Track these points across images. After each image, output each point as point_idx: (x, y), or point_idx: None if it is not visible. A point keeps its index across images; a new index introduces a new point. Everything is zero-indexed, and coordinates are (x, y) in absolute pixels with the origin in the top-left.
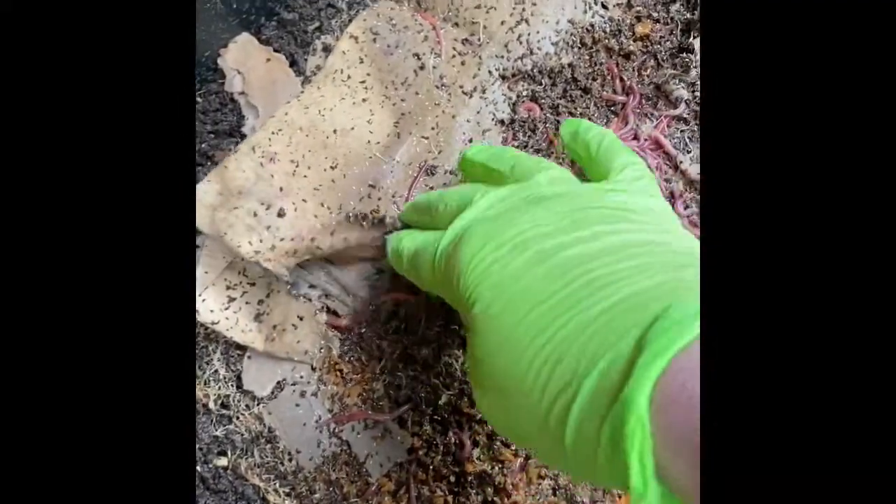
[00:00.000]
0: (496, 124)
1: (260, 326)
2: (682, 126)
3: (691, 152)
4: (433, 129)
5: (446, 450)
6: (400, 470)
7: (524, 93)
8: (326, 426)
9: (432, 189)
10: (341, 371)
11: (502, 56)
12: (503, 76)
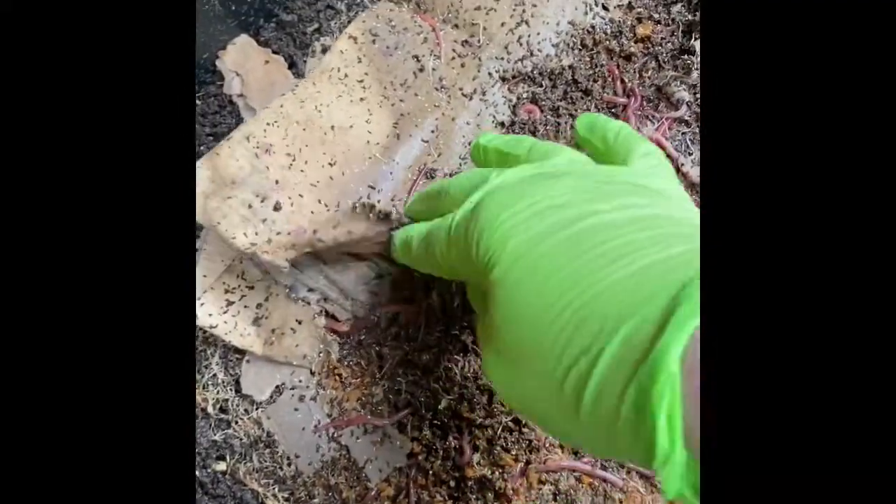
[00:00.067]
0: (496, 127)
1: (258, 330)
2: (684, 128)
3: (693, 154)
4: (433, 132)
5: (446, 455)
6: (399, 475)
7: (524, 95)
8: (325, 431)
9: None
10: (340, 375)
11: (502, 58)
12: (503, 78)
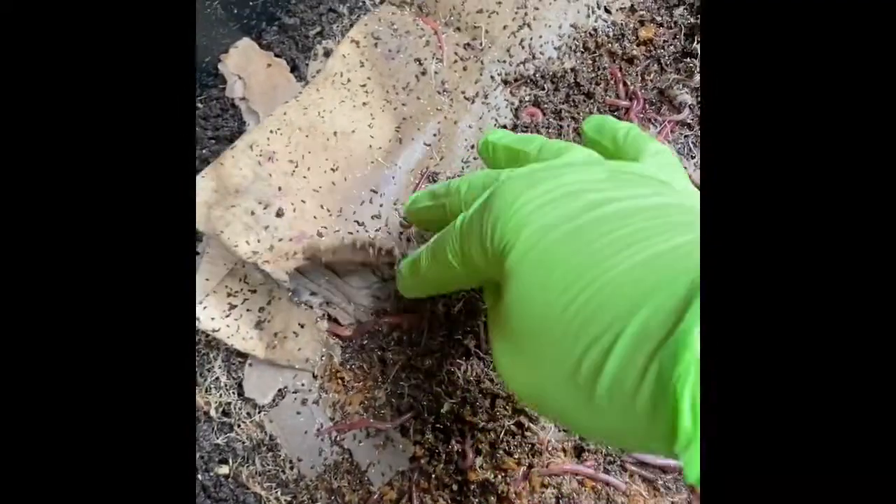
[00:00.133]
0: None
1: (261, 334)
2: (686, 131)
3: (695, 158)
4: (435, 136)
5: (449, 458)
6: (402, 478)
7: (526, 98)
8: (328, 434)
9: None
10: (343, 379)
11: (504, 61)
12: (505, 81)
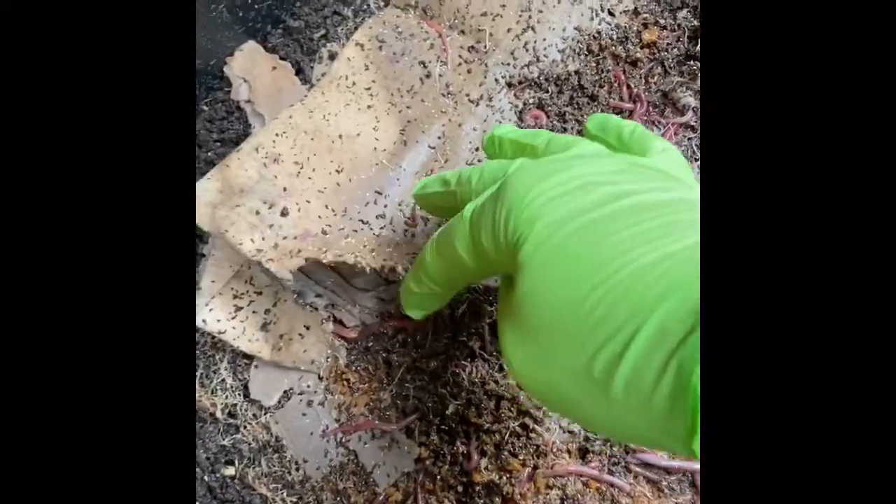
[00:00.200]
0: None
1: (266, 336)
2: (690, 134)
3: (699, 160)
4: (439, 138)
5: (454, 460)
6: (407, 480)
7: (531, 100)
8: (333, 436)
9: None
10: (348, 380)
11: (508, 63)
12: (509, 84)
